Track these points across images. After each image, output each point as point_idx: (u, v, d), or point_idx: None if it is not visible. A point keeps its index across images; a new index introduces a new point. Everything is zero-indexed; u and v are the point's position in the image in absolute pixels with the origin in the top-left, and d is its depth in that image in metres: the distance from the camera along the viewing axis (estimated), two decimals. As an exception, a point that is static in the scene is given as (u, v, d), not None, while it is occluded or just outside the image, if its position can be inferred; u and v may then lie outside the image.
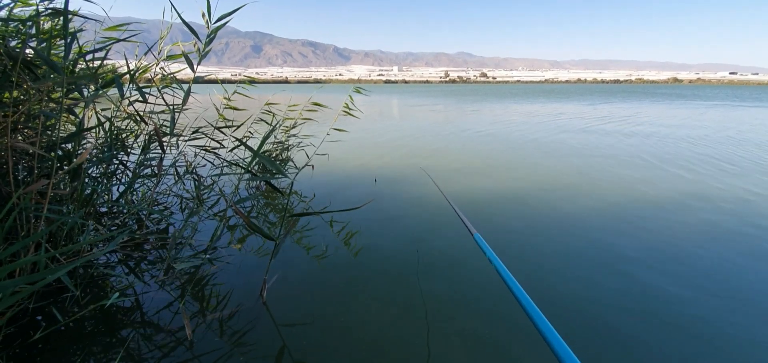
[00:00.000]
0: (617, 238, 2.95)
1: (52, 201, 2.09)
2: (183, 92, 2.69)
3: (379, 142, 7.83)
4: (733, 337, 1.84)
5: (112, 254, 2.51)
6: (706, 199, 3.95)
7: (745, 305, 2.10)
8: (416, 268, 2.45)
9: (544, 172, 5.25)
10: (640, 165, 5.67)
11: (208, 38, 2.51)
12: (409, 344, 1.75)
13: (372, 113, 15.47)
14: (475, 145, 7.53)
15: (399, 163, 5.80)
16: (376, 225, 3.18)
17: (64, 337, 1.74)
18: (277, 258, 2.54)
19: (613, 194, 4.14)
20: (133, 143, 2.88)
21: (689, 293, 2.19)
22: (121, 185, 2.82)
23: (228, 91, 3.65)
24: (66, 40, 1.79)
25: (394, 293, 2.17)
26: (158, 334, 1.78)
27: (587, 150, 6.94)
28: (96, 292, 2.09)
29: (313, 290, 2.20)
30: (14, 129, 1.95)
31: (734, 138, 8.30)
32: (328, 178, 4.75)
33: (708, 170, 5.33)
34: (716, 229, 3.15)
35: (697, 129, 9.91)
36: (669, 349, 1.75)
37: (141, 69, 2.91)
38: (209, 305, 2.03)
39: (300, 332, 1.82)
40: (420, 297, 2.13)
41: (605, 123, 11.58)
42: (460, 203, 3.73)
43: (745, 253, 2.71)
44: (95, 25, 2.48)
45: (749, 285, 2.31)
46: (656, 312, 2.01)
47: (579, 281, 2.31)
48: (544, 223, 3.29)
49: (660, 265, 2.53)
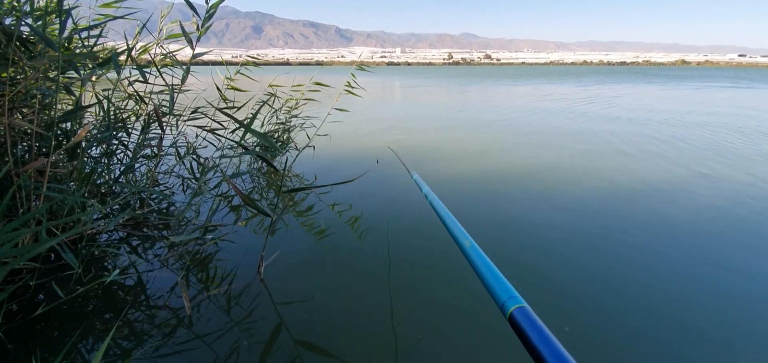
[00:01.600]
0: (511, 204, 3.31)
1: (52, 180, 2.10)
2: (182, 72, 2.66)
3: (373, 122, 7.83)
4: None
5: (114, 233, 2.53)
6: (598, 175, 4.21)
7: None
8: (414, 247, 2.46)
9: (495, 148, 5.63)
10: (586, 141, 5.99)
11: (207, 14, 2.47)
12: (406, 320, 1.76)
13: (371, 97, 15.47)
14: (445, 125, 7.96)
15: (392, 142, 5.79)
16: (375, 204, 3.19)
17: (66, 314, 1.76)
18: (276, 237, 2.56)
19: (545, 168, 4.53)
20: (134, 123, 2.88)
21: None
22: (121, 165, 2.83)
23: (230, 72, 3.62)
24: (61, 16, 1.77)
25: (392, 271, 2.18)
26: (158, 311, 1.81)
27: (549, 129, 7.26)
28: (98, 271, 2.11)
29: (311, 268, 2.21)
30: (12, 108, 1.95)
31: (692, 121, 8.23)
32: (329, 160, 4.74)
33: (645, 150, 5.51)
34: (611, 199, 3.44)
35: (661, 112, 9.83)
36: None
37: (140, 49, 2.89)
38: (209, 283, 2.05)
39: (298, 309, 1.84)
40: (417, 274, 2.14)
41: (583, 104, 11.95)
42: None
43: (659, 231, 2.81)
44: (90, 1, 2.45)
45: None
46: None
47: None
48: (479, 192, 3.62)
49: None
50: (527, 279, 2.13)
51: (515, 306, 0.66)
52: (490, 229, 2.78)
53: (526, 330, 0.60)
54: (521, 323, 0.62)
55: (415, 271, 2.20)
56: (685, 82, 25.63)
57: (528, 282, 2.09)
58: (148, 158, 2.98)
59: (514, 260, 2.33)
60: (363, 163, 4.57)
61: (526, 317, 0.62)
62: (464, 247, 0.90)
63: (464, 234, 0.95)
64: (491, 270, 0.79)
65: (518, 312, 0.64)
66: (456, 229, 1.00)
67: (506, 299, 0.69)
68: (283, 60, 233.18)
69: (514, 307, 0.65)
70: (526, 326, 0.61)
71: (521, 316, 0.63)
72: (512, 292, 0.70)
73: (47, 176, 1.86)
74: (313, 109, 4.87)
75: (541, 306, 1.79)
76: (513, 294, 0.69)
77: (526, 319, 0.62)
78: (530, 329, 0.60)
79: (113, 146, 2.68)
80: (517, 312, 0.64)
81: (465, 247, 0.89)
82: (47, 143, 1.99)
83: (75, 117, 2.21)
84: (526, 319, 0.62)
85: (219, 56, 4.16)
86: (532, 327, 0.60)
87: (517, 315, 0.64)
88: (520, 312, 0.64)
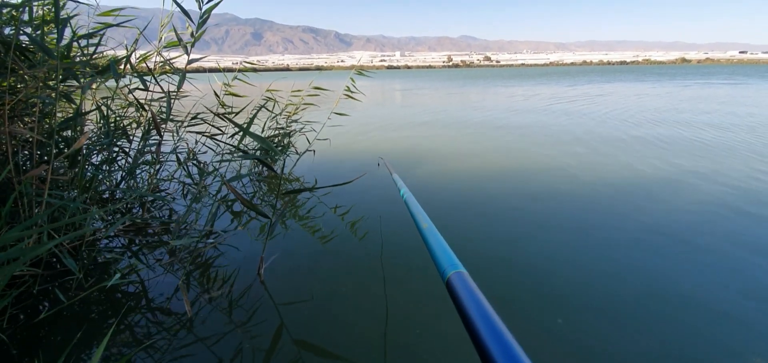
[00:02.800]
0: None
1: (53, 187, 2.12)
2: (179, 79, 2.69)
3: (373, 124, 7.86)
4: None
5: (116, 238, 2.55)
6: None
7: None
8: (414, 246, 2.46)
9: (465, 147, 5.82)
10: (544, 141, 6.04)
11: (201, 20, 2.49)
12: (407, 320, 1.77)
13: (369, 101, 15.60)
14: (421, 122, 8.59)
15: (396, 144, 5.80)
16: (375, 206, 3.19)
17: (68, 319, 1.78)
18: (276, 239, 2.57)
19: (507, 163, 4.76)
20: (135, 130, 2.91)
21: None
22: (122, 172, 2.85)
23: (228, 79, 3.65)
24: (58, 24, 1.79)
25: (392, 271, 2.18)
26: (160, 315, 1.82)
27: (522, 128, 7.49)
28: (100, 276, 2.13)
29: (311, 269, 2.22)
30: (12, 116, 1.97)
31: (662, 118, 8.34)
32: (330, 164, 4.76)
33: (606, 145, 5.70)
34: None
35: (633, 110, 9.93)
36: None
37: (140, 57, 2.92)
38: (210, 285, 2.06)
39: (298, 310, 1.84)
40: (418, 274, 2.14)
41: (566, 102, 12.27)
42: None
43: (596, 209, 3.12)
44: (88, 10, 2.48)
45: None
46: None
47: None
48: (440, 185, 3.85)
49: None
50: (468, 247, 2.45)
51: (453, 271, 0.65)
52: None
53: (459, 294, 0.59)
54: (456, 287, 0.61)
55: (412, 271, 2.20)
56: (675, 80, 26.31)
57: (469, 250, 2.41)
58: (149, 164, 3.00)
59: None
60: (363, 166, 4.58)
61: (462, 282, 0.61)
62: (421, 228, 0.92)
63: (425, 218, 0.97)
64: (439, 242, 0.80)
65: (456, 277, 0.63)
66: (419, 214, 1.02)
67: (447, 266, 0.68)
68: (283, 66, 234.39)
69: (452, 273, 0.64)
70: (461, 291, 0.59)
71: (457, 281, 0.62)
72: (454, 259, 0.69)
73: (49, 183, 1.87)
74: (313, 114, 4.90)
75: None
76: (454, 261, 0.69)
77: (462, 284, 0.61)
78: (464, 293, 0.58)
79: (114, 153, 2.70)
80: (454, 277, 0.63)
81: (422, 229, 0.91)
82: (48, 151, 2.00)
83: (75, 124, 2.23)
84: (461, 284, 0.60)
85: (217, 63, 4.19)
86: (467, 291, 0.59)
87: (454, 279, 0.63)
88: (457, 277, 0.63)
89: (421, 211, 1.08)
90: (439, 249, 0.78)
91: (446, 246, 0.79)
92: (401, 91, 22.24)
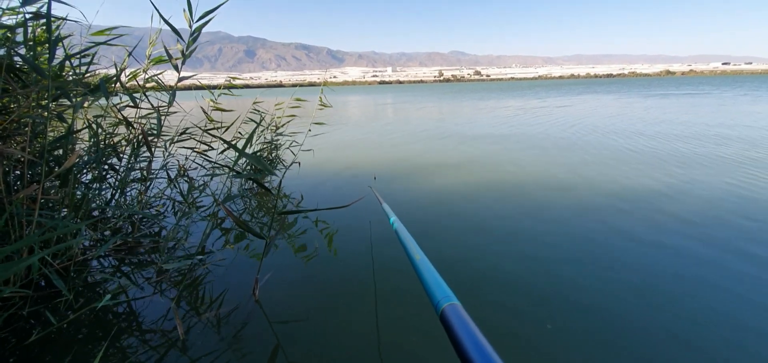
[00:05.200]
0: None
1: (44, 206, 2.11)
2: (169, 96, 2.71)
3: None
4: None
5: (106, 258, 2.53)
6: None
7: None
8: (408, 264, 2.47)
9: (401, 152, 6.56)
10: (480, 149, 6.72)
11: (191, 38, 2.53)
12: (402, 339, 1.78)
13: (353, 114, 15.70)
14: (380, 132, 9.24)
15: (387, 161, 5.85)
16: (368, 222, 3.21)
17: (58, 341, 1.76)
18: (270, 258, 2.57)
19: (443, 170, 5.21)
20: (125, 148, 2.90)
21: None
22: (112, 190, 2.84)
23: (215, 95, 3.68)
24: (50, 44, 1.81)
25: (386, 290, 2.20)
26: (151, 336, 1.81)
27: (466, 139, 8.02)
28: (90, 296, 2.11)
29: (306, 288, 2.22)
30: (4, 136, 1.97)
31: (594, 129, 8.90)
32: (319, 178, 4.77)
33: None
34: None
35: (575, 122, 10.54)
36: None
37: (130, 74, 2.94)
38: (202, 306, 2.05)
39: (294, 330, 1.85)
40: (413, 293, 2.16)
41: (523, 115, 13.15)
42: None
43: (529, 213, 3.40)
44: (81, 29, 2.50)
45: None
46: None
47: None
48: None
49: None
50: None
51: (447, 303, 0.66)
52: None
53: (454, 326, 0.60)
54: (451, 319, 0.61)
55: (406, 295, 2.21)
56: (643, 91, 27.65)
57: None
58: (139, 181, 3.00)
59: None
60: (354, 181, 4.61)
61: (456, 314, 0.62)
62: (414, 259, 0.92)
63: (416, 249, 0.97)
64: (432, 274, 0.81)
65: (450, 309, 0.64)
66: (411, 245, 1.03)
67: (440, 298, 0.69)
68: (276, 82, 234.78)
69: (446, 305, 0.65)
70: (455, 322, 0.60)
71: (451, 313, 0.63)
72: (447, 291, 0.71)
73: (39, 203, 1.87)
74: (298, 125, 4.94)
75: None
76: (447, 293, 0.70)
77: (456, 316, 0.62)
78: (458, 325, 0.59)
79: (104, 171, 2.70)
80: (448, 309, 0.64)
81: (414, 260, 0.92)
82: (39, 170, 2.01)
83: (66, 143, 2.24)
84: (455, 316, 0.62)
85: (211, 80, 4.24)
86: (461, 323, 0.59)
87: (448, 312, 0.64)
88: (451, 309, 0.64)
89: (412, 242, 1.08)
90: (432, 281, 0.79)
91: (439, 277, 0.79)
92: (381, 104, 22.93)
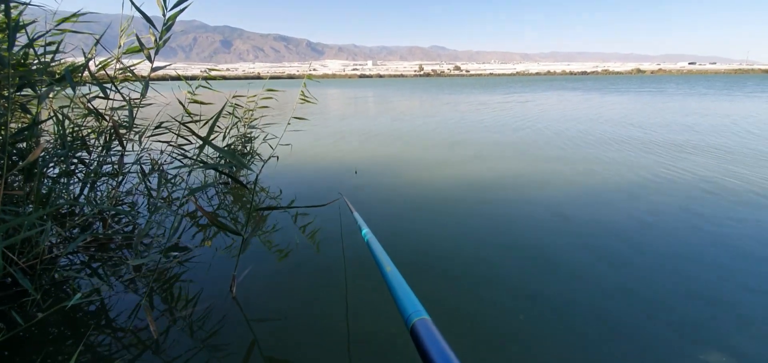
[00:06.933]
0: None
1: (7, 202, 2.01)
2: (142, 87, 2.61)
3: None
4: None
5: (75, 255, 2.43)
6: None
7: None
8: (385, 261, 2.47)
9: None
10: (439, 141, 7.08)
11: (165, 27, 2.44)
12: (377, 336, 1.78)
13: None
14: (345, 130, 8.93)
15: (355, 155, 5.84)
16: (346, 218, 3.20)
17: (26, 342, 1.68)
18: (247, 254, 2.52)
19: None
20: (95, 141, 2.79)
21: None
22: (82, 184, 2.73)
23: (193, 87, 3.57)
24: (9, 29, 1.71)
25: (363, 286, 2.19)
26: (124, 336, 1.75)
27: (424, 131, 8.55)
28: (59, 296, 2.02)
29: (284, 285, 2.20)
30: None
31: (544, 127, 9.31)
32: (297, 172, 4.72)
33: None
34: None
35: (521, 117, 11.27)
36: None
37: (99, 64, 2.81)
38: (177, 304, 2.00)
39: (270, 327, 1.82)
40: (388, 290, 2.15)
41: (484, 110, 13.58)
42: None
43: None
44: (46, 15, 2.38)
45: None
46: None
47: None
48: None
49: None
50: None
51: (417, 318, 0.65)
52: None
53: (424, 341, 0.59)
54: (421, 334, 0.61)
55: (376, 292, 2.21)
56: (600, 90, 28.55)
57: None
58: (111, 176, 2.89)
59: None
60: (332, 176, 4.58)
61: (426, 329, 0.62)
62: (384, 272, 0.92)
63: (387, 260, 0.97)
64: (402, 287, 0.81)
65: (420, 324, 0.64)
66: (382, 257, 1.02)
67: (411, 312, 0.69)
68: (253, 74, 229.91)
69: (417, 320, 0.65)
70: (425, 337, 0.60)
71: (422, 328, 0.62)
72: (418, 305, 0.70)
73: (0, 198, 1.78)
74: (277, 118, 4.85)
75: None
76: (418, 307, 0.70)
77: (426, 330, 0.61)
78: (429, 340, 0.59)
79: (72, 165, 2.59)
80: (419, 323, 0.64)
81: (385, 272, 0.91)
82: (0, 164, 1.90)
83: (30, 135, 2.13)
84: (425, 331, 0.61)
85: (177, 72, 4.08)
86: (431, 338, 0.59)
87: (419, 326, 0.63)
88: (422, 324, 0.63)
89: (383, 254, 1.07)
90: (402, 294, 0.78)
91: (409, 290, 0.79)
92: (349, 98, 22.95)
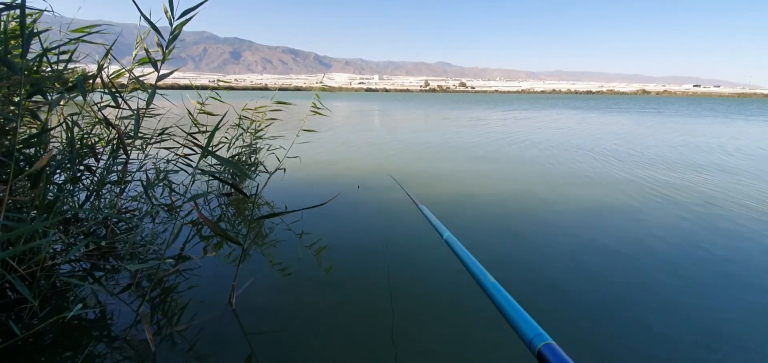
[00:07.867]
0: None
1: (11, 208, 2.01)
2: (148, 96, 2.62)
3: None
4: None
5: (77, 263, 2.41)
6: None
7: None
8: (386, 273, 2.45)
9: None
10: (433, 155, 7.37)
11: (172, 35, 2.46)
12: (378, 350, 1.75)
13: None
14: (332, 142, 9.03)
15: (362, 169, 5.82)
16: (347, 231, 3.17)
17: (24, 352, 1.66)
18: (248, 265, 2.50)
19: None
20: (104, 149, 2.79)
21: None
22: (87, 192, 2.73)
23: (202, 97, 3.58)
24: (24, 37, 1.73)
25: (364, 298, 2.16)
26: (122, 347, 1.72)
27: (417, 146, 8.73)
28: (58, 304, 2.00)
29: (283, 297, 2.17)
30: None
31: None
32: (302, 187, 4.71)
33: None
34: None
35: (516, 134, 11.40)
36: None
37: (112, 73, 2.83)
38: (176, 314, 1.97)
39: (269, 339, 1.79)
40: (389, 302, 2.13)
41: (482, 126, 13.88)
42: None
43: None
44: (61, 24, 2.41)
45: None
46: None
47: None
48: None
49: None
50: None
51: (542, 343, 0.66)
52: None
53: None
54: (551, 361, 0.62)
55: (389, 297, 2.18)
56: (598, 110, 28.15)
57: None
58: (115, 184, 2.88)
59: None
60: (337, 188, 4.56)
61: (556, 355, 0.63)
62: (487, 285, 0.88)
63: (485, 272, 0.92)
64: (514, 307, 0.78)
65: (546, 349, 0.64)
66: (477, 269, 0.96)
67: (533, 336, 0.69)
68: (261, 85, 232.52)
69: (542, 344, 0.66)
70: None
71: (550, 354, 0.63)
72: (538, 328, 0.70)
73: (5, 204, 1.77)
74: (282, 129, 4.86)
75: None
76: (538, 330, 0.70)
77: (556, 357, 0.62)
78: None
79: (79, 172, 2.59)
80: (545, 349, 0.64)
81: (488, 286, 0.87)
82: (7, 170, 1.90)
83: (39, 142, 2.13)
84: (555, 358, 0.62)
85: (190, 82, 4.10)
86: None
87: (546, 352, 0.64)
88: (548, 349, 0.64)
89: (476, 264, 0.98)
90: (515, 313, 0.75)
91: (521, 308, 0.77)
92: (354, 112, 23.03)
